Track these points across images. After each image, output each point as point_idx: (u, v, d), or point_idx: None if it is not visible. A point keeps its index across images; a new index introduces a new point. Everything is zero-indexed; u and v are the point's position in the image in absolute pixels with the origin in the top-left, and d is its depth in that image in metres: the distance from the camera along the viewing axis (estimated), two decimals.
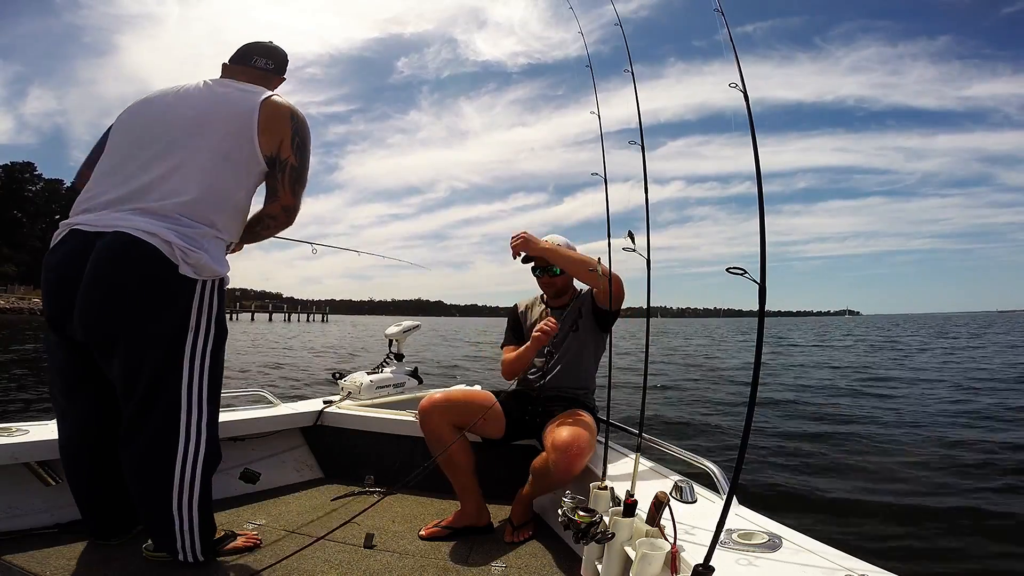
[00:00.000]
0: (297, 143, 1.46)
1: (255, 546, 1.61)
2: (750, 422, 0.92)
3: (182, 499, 1.38)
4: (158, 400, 1.35)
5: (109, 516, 1.53)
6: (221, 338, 1.45)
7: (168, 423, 1.36)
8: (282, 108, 1.45)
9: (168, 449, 1.37)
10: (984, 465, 4.23)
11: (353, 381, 2.56)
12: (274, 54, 1.62)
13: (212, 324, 1.40)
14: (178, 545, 1.41)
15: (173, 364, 1.36)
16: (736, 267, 0.84)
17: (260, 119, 1.40)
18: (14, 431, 1.67)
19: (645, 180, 1.35)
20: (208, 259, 1.36)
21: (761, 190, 0.91)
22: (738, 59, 0.98)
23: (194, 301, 1.37)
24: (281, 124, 1.43)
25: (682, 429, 5.58)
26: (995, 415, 6.28)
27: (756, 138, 0.94)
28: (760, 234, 0.88)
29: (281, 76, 1.65)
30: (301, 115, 1.48)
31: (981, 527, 3.01)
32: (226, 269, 1.44)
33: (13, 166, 70.11)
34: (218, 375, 1.46)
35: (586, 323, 1.94)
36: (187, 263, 1.32)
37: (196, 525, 1.41)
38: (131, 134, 1.43)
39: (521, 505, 1.80)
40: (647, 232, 1.27)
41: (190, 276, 1.34)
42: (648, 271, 1.28)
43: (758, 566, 1.00)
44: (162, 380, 1.35)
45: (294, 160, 1.46)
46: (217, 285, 1.41)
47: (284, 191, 1.48)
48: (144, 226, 1.30)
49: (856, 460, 4.43)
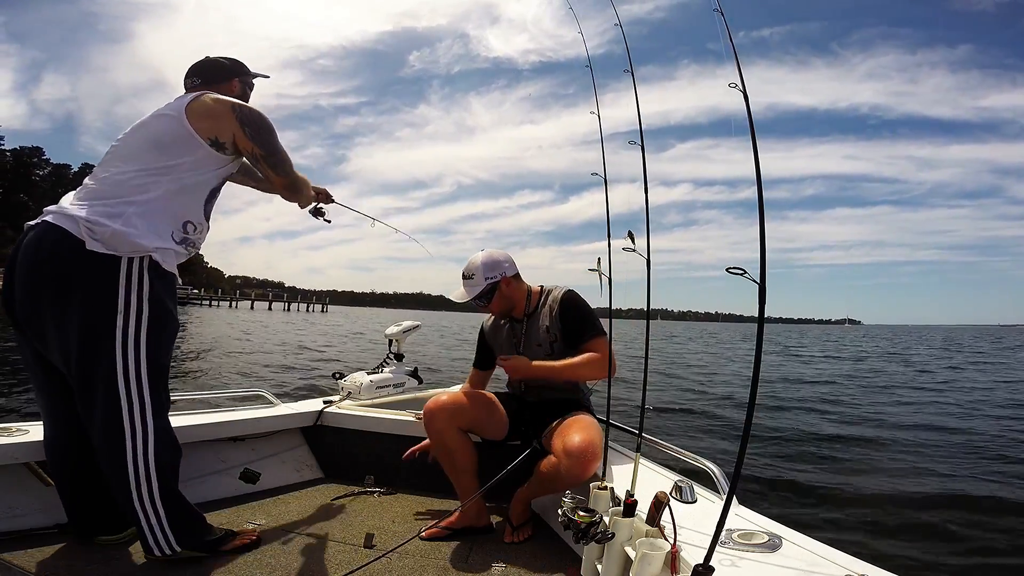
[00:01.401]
0: (250, 133, 1.48)
1: (254, 545, 1.61)
2: (750, 422, 0.92)
3: (142, 493, 1.36)
4: (96, 391, 1.32)
5: (91, 514, 1.52)
6: (161, 322, 1.38)
7: (111, 415, 1.33)
8: (219, 100, 1.48)
9: (117, 444, 1.34)
10: (985, 465, 4.23)
11: (353, 381, 2.56)
12: (200, 69, 1.64)
13: (145, 304, 1.34)
14: (150, 541, 1.39)
15: (103, 349, 1.31)
16: (736, 267, 0.84)
17: (189, 110, 1.43)
18: (14, 431, 1.67)
19: (645, 180, 1.35)
20: (125, 232, 1.30)
21: (761, 190, 0.91)
22: (738, 59, 0.98)
23: (120, 280, 1.31)
24: (221, 114, 1.45)
25: (682, 430, 5.58)
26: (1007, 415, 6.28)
27: (756, 138, 0.94)
28: (760, 234, 0.88)
29: (222, 84, 1.64)
30: (245, 106, 1.51)
31: (982, 528, 3.01)
32: (153, 246, 1.36)
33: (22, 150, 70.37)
34: (160, 362, 1.40)
35: (559, 345, 1.86)
36: (94, 238, 1.28)
37: (163, 518, 1.39)
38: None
39: (521, 505, 1.79)
40: (647, 233, 1.27)
41: (101, 252, 1.29)
42: (648, 272, 1.28)
43: (758, 566, 1.00)
44: (96, 367, 1.31)
45: (259, 150, 1.50)
46: (147, 263, 1.35)
47: (272, 177, 1.59)
48: (64, 209, 1.32)
49: (856, 461, 4.44)
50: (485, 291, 1.89)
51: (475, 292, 1.89)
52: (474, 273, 1.89)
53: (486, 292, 1.89)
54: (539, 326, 1.90)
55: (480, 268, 1.88)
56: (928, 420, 6.21)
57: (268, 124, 1.52)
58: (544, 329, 1.88)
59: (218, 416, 2.12)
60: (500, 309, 1.95)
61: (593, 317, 1.84)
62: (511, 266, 1.93)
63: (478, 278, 1.89)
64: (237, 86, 1.68)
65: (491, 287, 1.89)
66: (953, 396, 8.27)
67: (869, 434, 5.41)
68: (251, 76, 1.75)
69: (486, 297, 1.91)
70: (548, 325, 1.88)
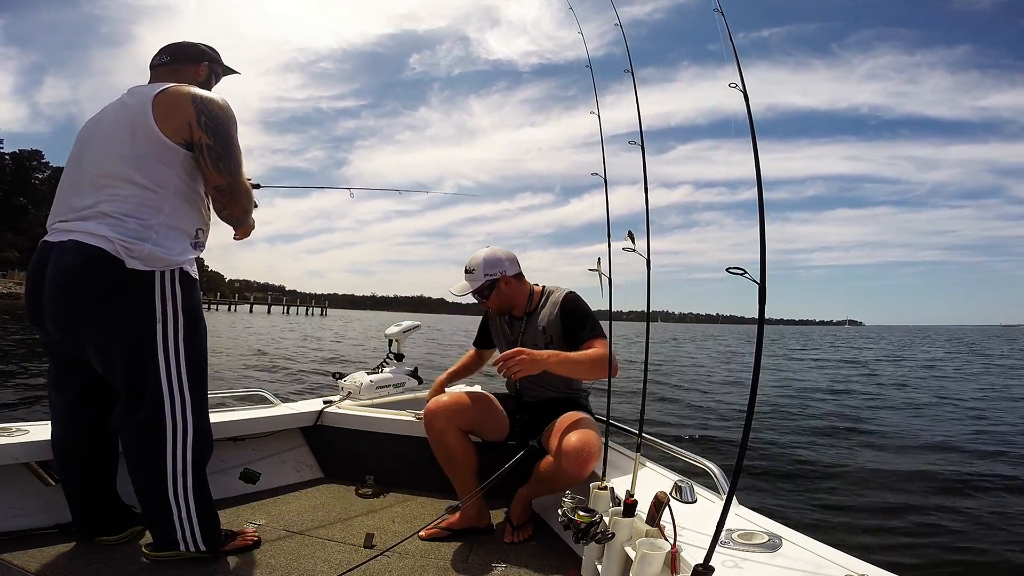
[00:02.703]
0: (204, 122, 1.45)
1: (254, 545, 1.62)
2: (750, 422, 0.92)
3: (177, 488, 1.42)
4: (142, 393, 1.40)
5: (95, 514, 1.54)
6: (194, 326, 1.47)
7: (153, 414, 1.40)
8: (179, 93, 1.46)
9: (157, 440, 1.40)
10: (984, 465, 4.23)
11: (353, 381, 2.56)
12: (173, 49, 1.64)
13: (180, 312, 1.43)
14: (178, 536, 1.43)
15: (148, 356, 1.40)
16: (736, 267, 0.84)
17: (155, 110, 1.42)
18: (14, 431, 1.67)
19: (645, 180, 1.35)
20: (157, 250, 1.39)
21: (760, 189, 0.91)
22: (738, 59, 0.98)
23: (155, 292, 1.40)
24: (181, 108, 1.44)
25: (682, 431, 5.58)
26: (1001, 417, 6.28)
27: (756, 139, 0.94)
28: (760, 234, 0.88)
29: (190, 65, 1.64)
30: (205, 95, 1.49)
31: (982, 528, 3.01)
32: (183, 258, 1.45)
33: (21, 153, 70.49)
34: (199, 363, 1.49)
35: (557, 345, 1.85)
36: (132, 256, 1.36)
37: (195, 514, 1.44)
38: (75, 155, 1.51)
39: (521, 505, 1.79)
40: (647, 233, 1.27)
41: (141, 269, 1.37)
42: (648, 272, 1.28)
43: (758, 566, 1.00)
44: (140, 373, 1.40)
45: (207, 139, 1.46)
46: (179, 275, 1.44)
47: (209, 171, 1.47)
48: (91, 229, 1.36)
49: (857, 461, 4.44)
50: (483, 287, 1.90)
51: (473, 287, 1.90)
52: (475, 268, 1.91)
53: (484, 288, 1.91)
54: (536, 325, 1.91)
55: (481, 264, 1.90)
56: (928, 419, 6.21)
57: (228, 115, 1.50)
58: (541, 329, 1.89)
59: (218, 416, 2.11)
60: (498, 306, 1.96)
61: (594, 318, 1.85)
62: (512, 265, 1.93)
63: (478, 273, 1.90)
64: (204, 70, 1.66)
65: (490, 283, 1.90)
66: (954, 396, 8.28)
67: (870, 434, 5.41)
68: (221, 66, 1.73)
69: (484, 293, 1.92)
70: (545, 326, 1.88)
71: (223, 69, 1.75)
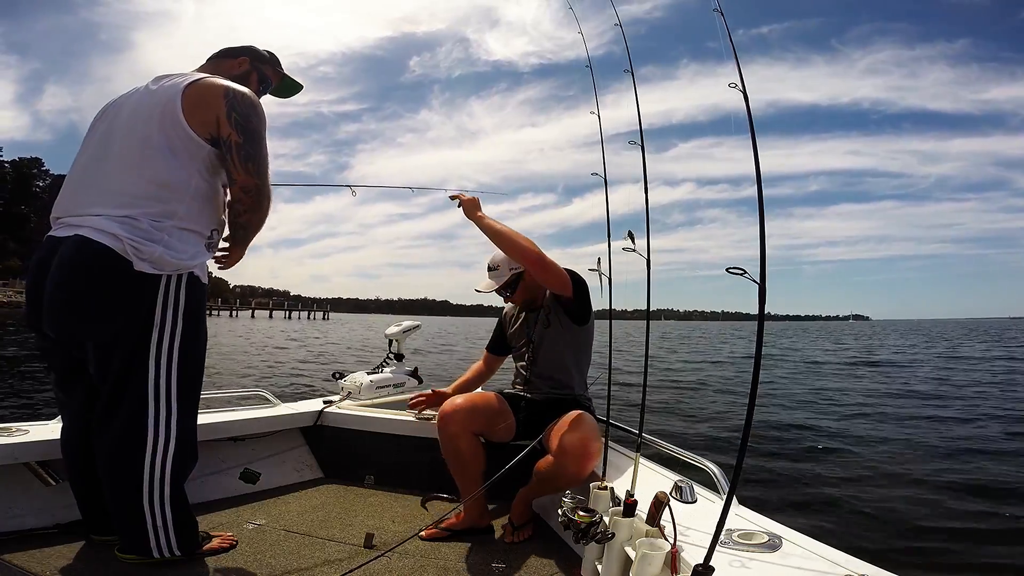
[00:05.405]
0: (235, 119, 1.40)
1: (231, 547, 1.60)
2: (750, 422, 0.92)
3: (153, 496, 1.38)
4: (124, 397, 1.35)
5: (104, 511, 1.51)
6: (193, 334, 1.42)
7: (134, 420, 1.35)
8: (212, 87, 1.41)
9: (136, 446, 1.36)
10: (985, 465, 4.22)
11: (353, 381, 2.56)
12: (217, 52, 1.62)
13: (180, 319, 1.38)
14: (151, 543, 1.39)
15: (139, 361, 1.35)
16: (736, 267, 0.84)
17: (185, 102, 1.37)
18: (14, 431, 1.67)
19: (645, 180, 1.35)
20: (167, 252, 1.34)
21: (760, 189, 0.91)
22: (738, 60, 0.98)
23: (158, 297, 1.35)
24: (212, 102, 1.39)
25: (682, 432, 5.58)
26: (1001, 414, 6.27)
27: (756, 139, 0.94)
28: (760, 234, 0.88)
29: (234, 58, 1.61)
30: (239, 90, 1.43)
31: (982, 528, 3.01)
32: (194, 262, 1.40)
33: (21, 161, 70.11)
34: (192, 372, 1.44)
35: (556, 317, 1.92)
36: (141, 259, 1.30)
37: (170, 521, 1.40)
38: (89, 144, 1.45)
39: (521, 505, 1.79)
40: (647, 233, 1.27)
41: (149, 272, 1.32)
42: (648, 272, 1.28)
43: (758, 566, 1.00)
44: (128, 377, 1.35)
45: (236, 136, 1.40)
46: (186, 279, 1.39)
47: (236, 170, 1.41)
48: (100, 225, 1.31)
49: (857, 461, 4.43)
50: (510, 281, 1.95)
51: (500, 282, 1.95)
52: (499, 264, 1.95)
53: (510, 282, 1.96)
54: (544, 311, 1.97)
55: (505, 259, 1.94)
56: (928, 421, 6.21)
57: (259, 113, 1.45)
58: (548, 307, 1.95)
59: (218, 416, 2.12)
60: (523, 299, 2.02)
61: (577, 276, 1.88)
62: None
63: (503, 269, 1.95)
64: (244, 64, 1.62)
65: (515, 277, 1.95)
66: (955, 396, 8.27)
67: (870, 434, 5.41)
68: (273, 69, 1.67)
69: (511, 287, 1.97)
70: (550, 305, 1.95)
71: (276, 75, 1.70)
